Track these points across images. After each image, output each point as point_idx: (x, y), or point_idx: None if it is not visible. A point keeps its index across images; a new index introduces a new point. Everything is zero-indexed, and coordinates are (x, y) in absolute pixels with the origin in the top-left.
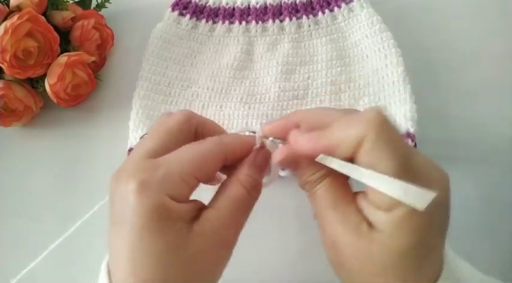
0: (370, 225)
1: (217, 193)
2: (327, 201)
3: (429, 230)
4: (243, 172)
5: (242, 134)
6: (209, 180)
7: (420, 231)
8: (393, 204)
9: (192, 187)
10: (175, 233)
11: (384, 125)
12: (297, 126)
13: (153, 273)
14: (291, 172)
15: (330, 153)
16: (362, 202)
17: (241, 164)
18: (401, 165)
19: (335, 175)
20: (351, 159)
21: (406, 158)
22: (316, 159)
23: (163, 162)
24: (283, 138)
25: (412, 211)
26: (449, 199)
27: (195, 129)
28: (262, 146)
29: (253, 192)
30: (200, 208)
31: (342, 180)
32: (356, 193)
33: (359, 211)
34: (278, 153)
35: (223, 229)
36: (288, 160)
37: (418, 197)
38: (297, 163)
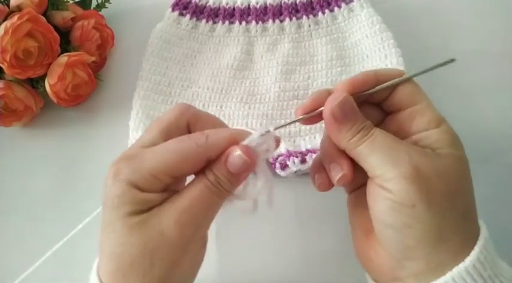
0: (431, 149)
1: (185, 187)
2: (390, 137)
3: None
4: (211, 170)
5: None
6: (191, 174)
7: (462, 144)
8: (440, 119)
9: (165, 183)
10: (138, 216)
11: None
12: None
13: (113, 251)
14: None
15: (379, 81)
16: (410, 141)
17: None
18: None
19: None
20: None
21: None
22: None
23: (141, 154)
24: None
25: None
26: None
27: (187, 122)
28: (246, 148)
29: (220, 192)
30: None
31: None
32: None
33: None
34: (336, 97)
35: (186, 227)
36: (346, 103)
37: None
38: (354, 108)
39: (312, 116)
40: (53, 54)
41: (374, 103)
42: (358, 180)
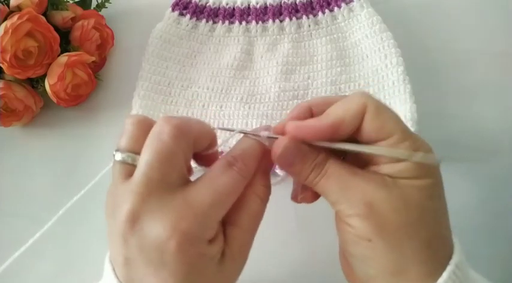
0: (391, 177)
1: (235, 208)
2: (344, 172)
3: (440, 175)
4: (259, 184)
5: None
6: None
7: (437, 171)
8: (412, 149)
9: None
10: (214, 266)
11: (375, 97)
12: (310, 111)
13: None
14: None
15: (336, 129)
16: (372, 168)
17: (254, 173)
18: (404, 126)
19: (336, 156)
20: (353, 136)
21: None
22: (318, 144)
23: (194, 199)
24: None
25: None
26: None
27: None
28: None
29: (267, 199)
30: (221, 227)
31: (345, 159)
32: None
33: (374, 171)
34: (277, 147)
35: (248, 244)
36: (289, 150)
37: (425, 157)
38: (298, 152)
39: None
40: (53, 54)
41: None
42: None
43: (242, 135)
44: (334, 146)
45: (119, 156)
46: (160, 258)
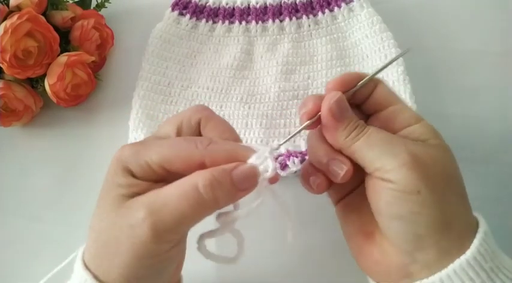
0: (420, 140)
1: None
2: (383, 132)
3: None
4: (210, 169)
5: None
6: (186, 174)
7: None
8: (418, 116)
9: (159, 174)
10: (119, 195)
11: None
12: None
13: (96, 225)
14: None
15: (362, 76)
16: (399, 133)
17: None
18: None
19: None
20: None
21: None
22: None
23: (148, 143)
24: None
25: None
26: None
27: (199, 122)
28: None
29: (207, 191)
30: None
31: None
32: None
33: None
34: (331, 97)
35: (145, 221)
36: (341, 102)
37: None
38: (347, 107)
39: (314, 121)
40: (53, 54)
41: (355, 105)
42: (345, 188)
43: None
44: (364, 80)
45: None
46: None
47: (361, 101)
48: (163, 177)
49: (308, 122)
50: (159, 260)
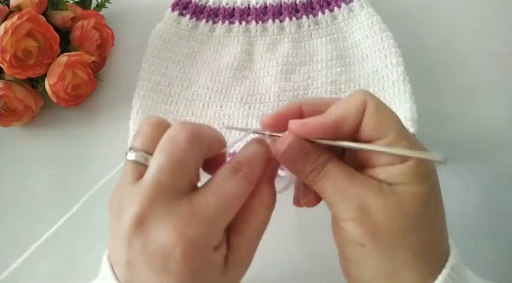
0: (388, 184)
1: (243, 218)
2: (342, 175)
3: (437, 181)
4: (265, 192)
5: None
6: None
7: (433, 176)
8: (406, 157)
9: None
10: (217, 272)
11: (375, 95)
12: (300, 110)
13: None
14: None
15: (339, 126)
16: (369, 171)
17: (258, 181)
18: (402, 126)
19: (337, 157)
20: (355, 133)
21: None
22: (320, 142)
23: (203, 212)
24: (284, 129)
25: (420, 162)
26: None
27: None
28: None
29: (273, 207)
30: (225, 235)
31: (343, 160)
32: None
33: (371, 176)
34: (281, 143)
35: (252, 253)
36: (293, 147)
37: (429, 155)
38: (302, 150)
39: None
40: (53, 54)
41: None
42: None
43: (247, 138)
44: (336, 144)
45: (131, 156)
46: (164, 263)
47: (349, 134)
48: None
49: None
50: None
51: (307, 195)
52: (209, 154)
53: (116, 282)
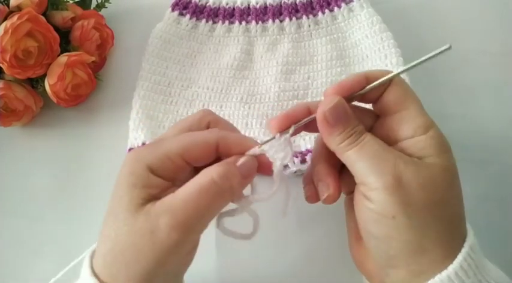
0: (418, 157)
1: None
2: (379, 145)
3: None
4: (217, 165)
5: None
6: (200, 163)
7: (451, 157)
8: (428, 125)
9: (178, 166)
10: (134, 200)
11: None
12: (308, 112)
13: (110, 234)
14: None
15: (369, 81)
16: (397, 147)
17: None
18: (421, 104)
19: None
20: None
21: None
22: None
23: (161, 141)
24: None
25: (438, 134)
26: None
27: (208, 124)
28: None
29: (223, 181)
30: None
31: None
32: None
33: (403, 151)
34: (328, 101)
35: (168, 226)
36: (339, 107)
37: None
38: (345, 112)
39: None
40: (53, 54)
41: (367, 104)
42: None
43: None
44: (365, 90)
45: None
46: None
47: (370, 101)
48: (180, 170)
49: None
50: (178, 264)
51: (311, 191)
52: (192, 159)
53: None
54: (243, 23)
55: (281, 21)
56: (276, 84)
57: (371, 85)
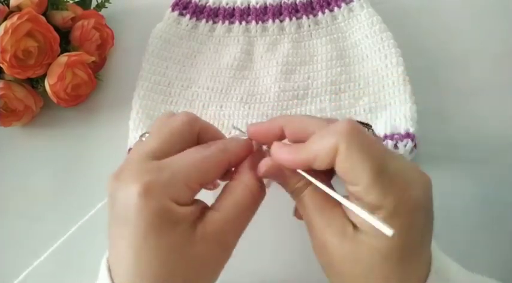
0: (355, 227)
1: (222, 196)
2: (312, 206)
3: (411, 232)
4: (249, 176)
5: (239, 137)
6: (210, 184)
7: (403, 232)
8: (376, 207)
9: (195, 192)
10: (179, 234)
11: (354, 133)
12: (281, 131)
13: (157, 272)
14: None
15: (310, 164)
16: (350, 200)
17: (242, 167)
18: (376, 168)
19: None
20: (331, 169)
21: (381, 161)
22: (298, 171)
23: (168, 165)
24: (265, 143)
25: (394, 213)
26: (431, 201)
27: (199, 133)
28: (259, 149)
29: (258, 195)
30: (203, 209)
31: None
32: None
33: (344, 214)
34: (262, 165)
35: (226, 232)
36: (272, 171)
37: (383, 226)
38: (281, 173)
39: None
40: (53, 54)
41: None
42: None
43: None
44: (309, 178)
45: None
46: (124, 214)
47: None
48: (196, 193)
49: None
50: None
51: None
52: (203, 137)
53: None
54: (243, 23)
55: (281, 21)
56: (276, 84)
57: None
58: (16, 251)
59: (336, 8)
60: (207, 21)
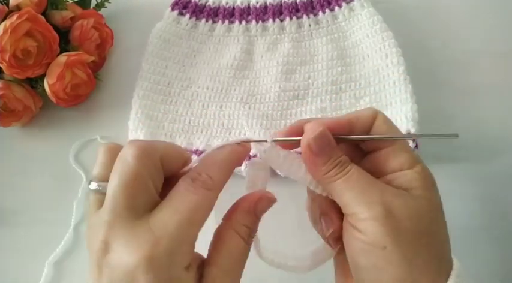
0: (404, 189)
1: (215, 247)
2: (365, 176)
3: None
4: (241, 223)
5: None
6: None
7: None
8: (415, 160)
9: (194, 244)
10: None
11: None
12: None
13: None
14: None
15: (353, 125)
16: (383, 180)
17: (233, 211)
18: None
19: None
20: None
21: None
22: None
23: (161, 229)
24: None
25: (425, 170)
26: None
27: (161, 161)
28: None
29: (251, 240)
30: (201, 265)
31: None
32: None
33: (389, 182)
34: (310, 129)
35: None
36: (323, 134)
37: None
38: (329, 141)
39: (289, 142)
40: (52, 54)
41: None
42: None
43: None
44: (353, 138)
45: (93, 186)
46: None
47: (357, 141)
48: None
49: (279, 138)
50: None
51: (330, 222)
52: (169, 169)
53: None
54: (243, 22)
55: (281, 20)
56: (276, 84)
57: (362, 137)
58: (16, 251)
59: (336, 8)
60: (206, 21)
